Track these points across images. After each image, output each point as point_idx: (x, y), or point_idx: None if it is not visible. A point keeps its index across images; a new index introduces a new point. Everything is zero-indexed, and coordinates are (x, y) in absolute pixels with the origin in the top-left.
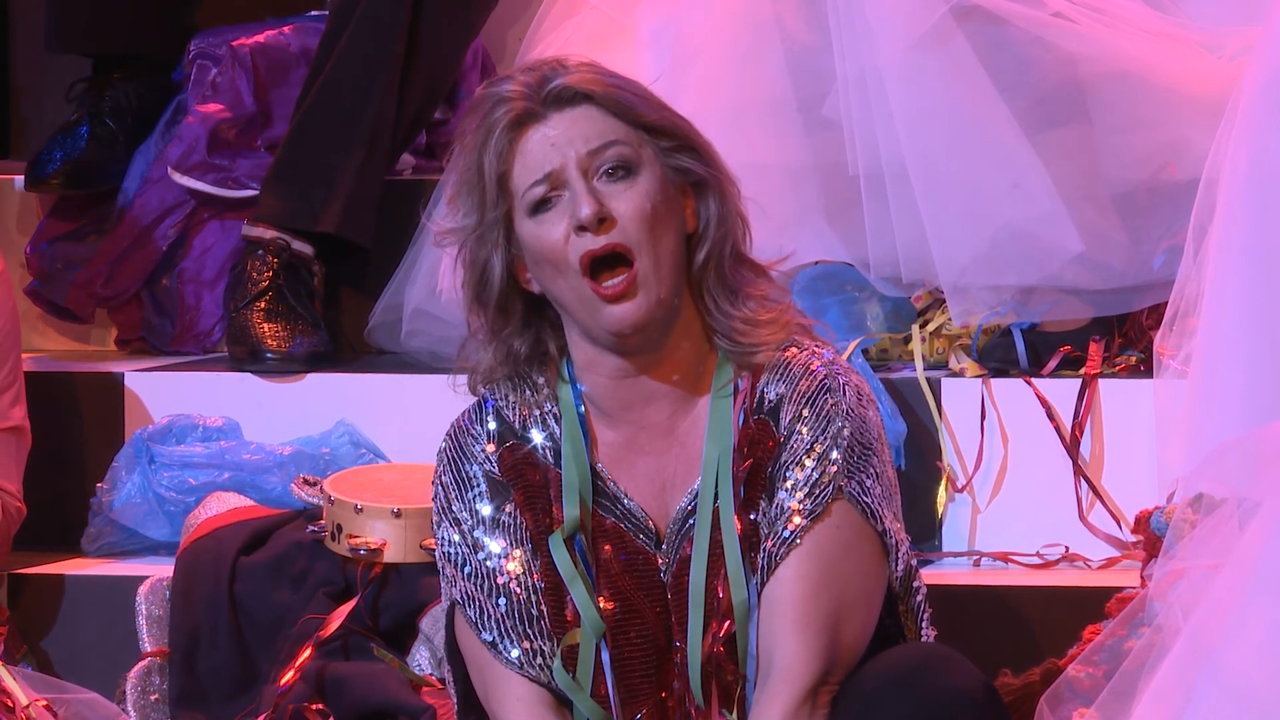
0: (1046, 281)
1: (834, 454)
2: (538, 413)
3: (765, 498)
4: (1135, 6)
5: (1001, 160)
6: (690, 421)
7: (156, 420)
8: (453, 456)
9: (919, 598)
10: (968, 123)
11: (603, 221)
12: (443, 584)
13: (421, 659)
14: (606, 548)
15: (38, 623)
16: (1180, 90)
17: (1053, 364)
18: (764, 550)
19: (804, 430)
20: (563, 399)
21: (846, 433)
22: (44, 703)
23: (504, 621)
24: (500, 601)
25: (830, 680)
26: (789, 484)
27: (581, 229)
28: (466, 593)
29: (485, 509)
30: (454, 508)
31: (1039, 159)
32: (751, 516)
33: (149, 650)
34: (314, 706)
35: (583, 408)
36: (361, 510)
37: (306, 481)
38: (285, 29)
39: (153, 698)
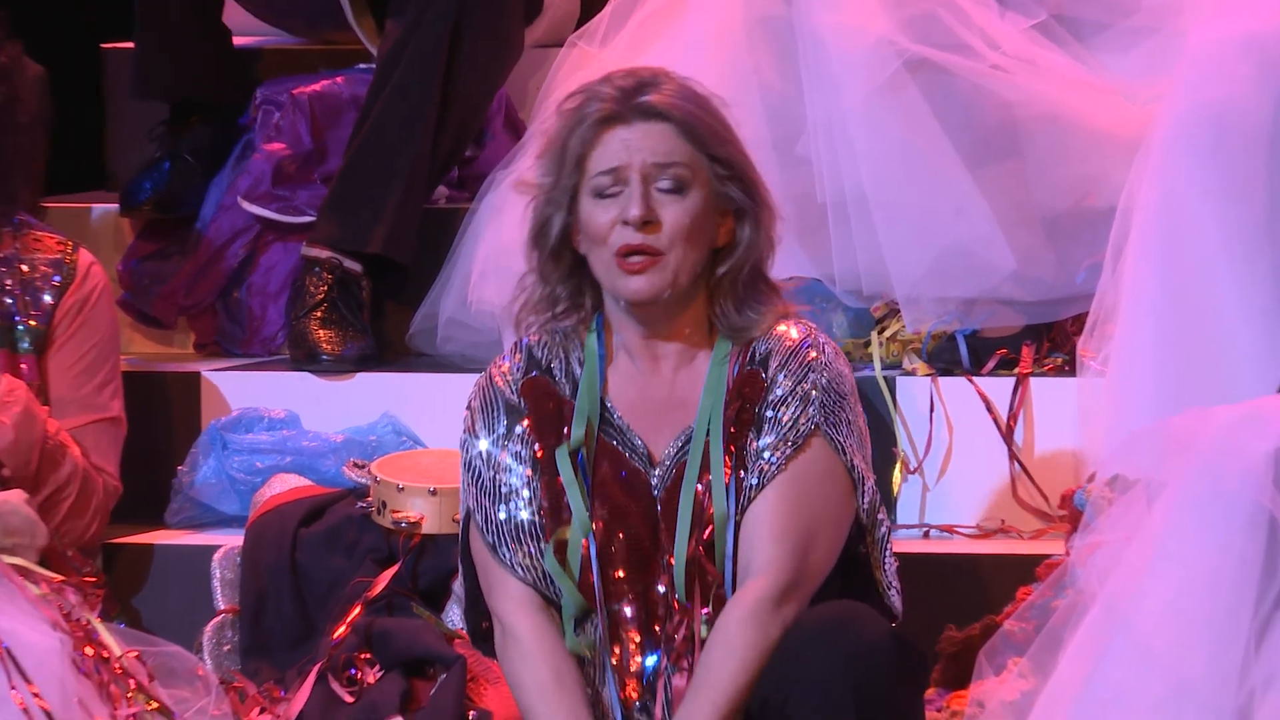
0: (985, 294)
1: (812, 396)
2: (563, 355)
3: (753, 432)
4: (1061, 60)
5: (947, 190)
6: (692, 378)
7: (229, 412)
8: (483, 384)
9: (883, 529)
10: (919, 159)
11: (647, 224)
12: (462, 493)
13: (454, 616)
14: (605, 465)
15: (128, 585)
16: (1100, 131)
17: (990, 365)
18: (748, 475)
19: (786, 379)
20: (588, 346)
21: (824, 381)
22: (135, 654)
23: (504, 527)
24: (503, 508)
25: (797, 591)
26: (772, 421)
27: (627, 224)
28: (477, 500)
29: (500, 427)
30: (476, 425)
31: (979, 189)
32: (736, 447)
33: (222, 608)
34: (362, 656)
35: (604, 355)
36: (403, 489)
37: (356, 465)
38: (338, 79)
39: (226, 649)
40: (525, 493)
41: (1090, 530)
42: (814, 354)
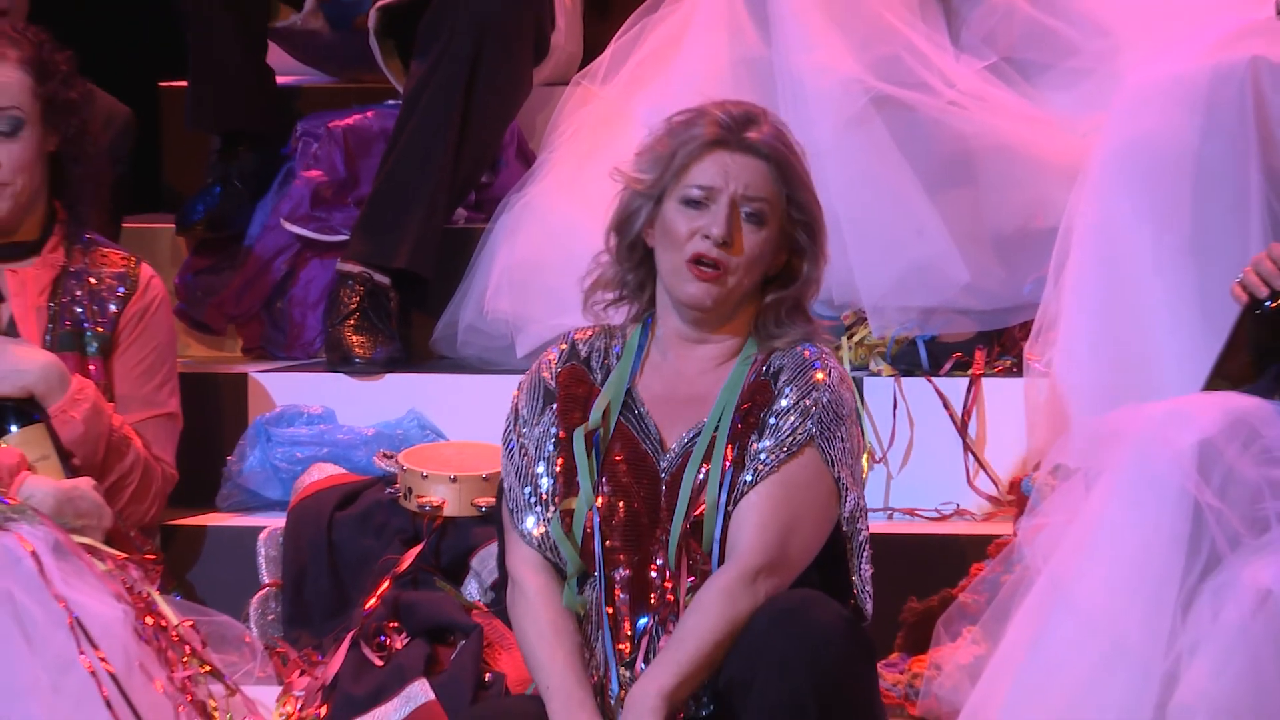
0: (942, 304)
1: (812, 411)
2: (603, 348)
3: (755, 435)
4: (1010, 97)
5: (909, 213)
6: (715, 378)
7: (273, 409)
8: (531, 372)
9: (861, 538)
10: (884, 184)
11: (724, 244)
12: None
13: (471, 589)
14: (618, 446)
15: (183, 562)
16: (1044, 159)
17: (947, 366)
18: (744, 472)
19: (793, 393)
20: (629, 341)
21: (825, 400)
22: (190, 623)
23: (522, 498)
24: (524, 479)
25: (773, 575)
26: (773, 428)
27: (705, 237)
28: (506, 471)
29: (536, 409)
30: (519, 406)
31: (937, 211)
32: (739, 445)
33: (267, 582)
34: (391, 625)
35: (644, 349)
36: (427, 477)
37: (385, 455)
38: (369, 114)
39: (270, 618)
40: (544, 466)
41: (1035, 513)
42: (820, 375)
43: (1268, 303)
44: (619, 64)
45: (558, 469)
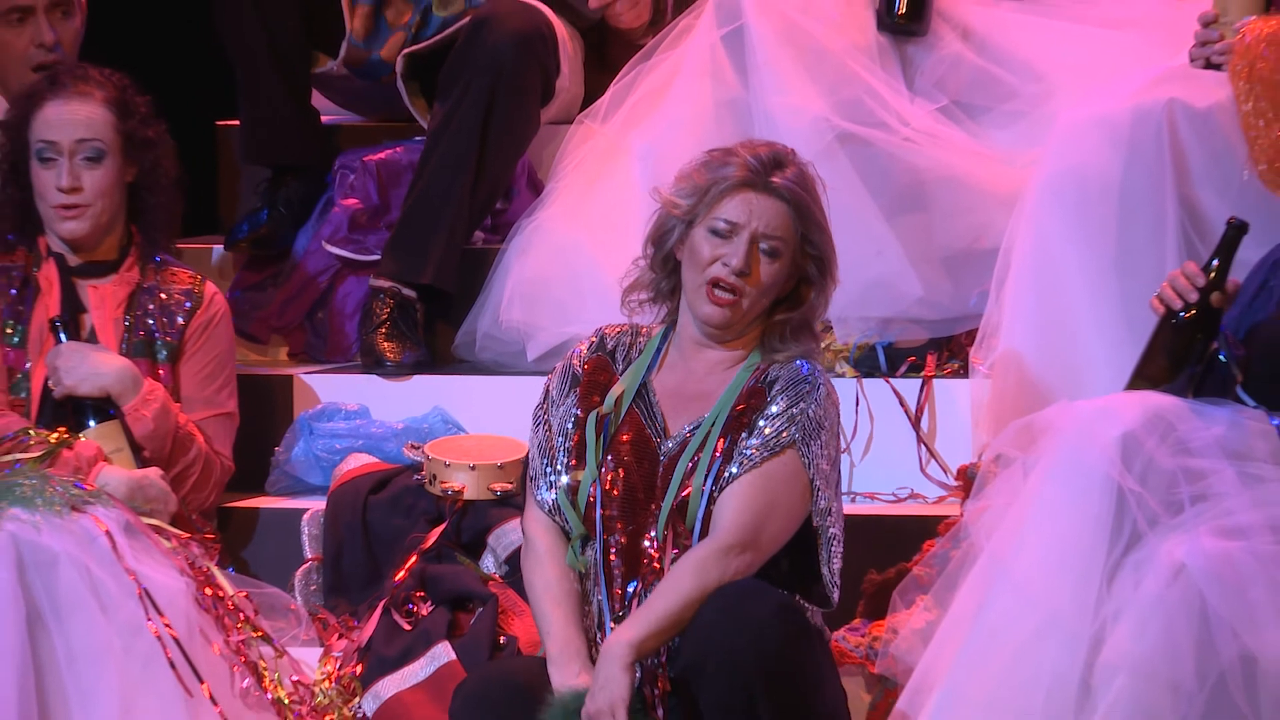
0: (898, 315)
1: (797, 420)
2: (627, 345)
3: (745, 434)
4: (957, 134)
5: (870, 236)
6: (719, 380)
7: (315, 406)
8: (564, 361)
9: (830, 533)
10: (848, 211)
11: (742, 274)
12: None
13: (488, 563)
14: (626, 430)
15: (238, 540)
16: (987, 189)
17: (903, 369)
18: (731, 464)
19: (782, 401)
20: (653, 337)
21: (812, 412)
22: (243, 594)
23: (540, 468)
24: (545, 452)
25: (745, 553)
26: (761, 430)
27: (725, 265)
28: (531, 444)
29: (563, 392)
30: (550, 389)
31: (894, 235)
32: (729, 439)
33: (309, 557)
34: (418, 594)
35: (663, 348)
36: (449, 465)
37: (413, 446)
38: (398, 149)
39: (312, 589)
40: (560, 440)
41: (979, 496)
42: (808, 389)
43: (1182, 313)
44: (617, 105)
45: (572, 445)
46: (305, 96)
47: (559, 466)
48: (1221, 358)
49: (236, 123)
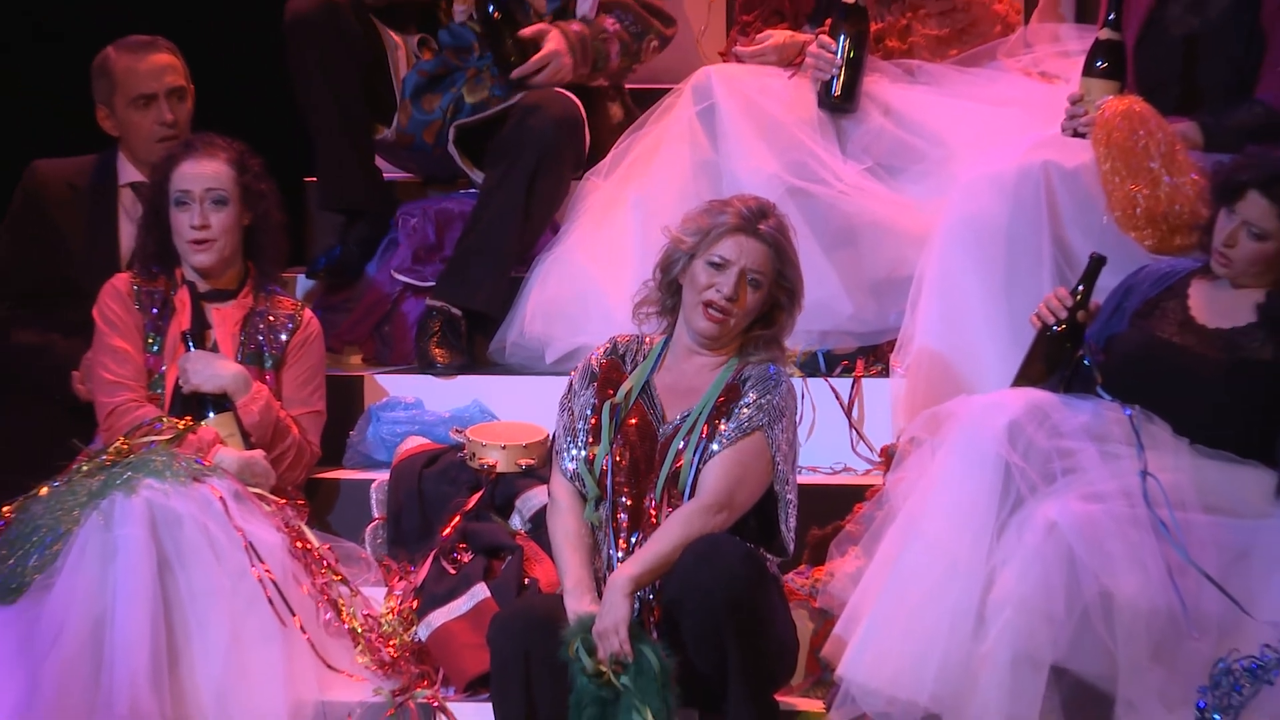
0: (834, 328)
1: (764, 408)
2: (634, 351)
3: (724, 420)
4: (880, 188)
5: (812, 268)
6: (706, 380)
7: (382, 399)
8: (584, 361)
9: (787, 498)
10: (795, 249)
11: (730, 299)
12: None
13: (515, 522)
14: (633, 416)
15: (323, 505)
16: (903, 230)
17: (838, 370)
18: (713, 443)
19: (753, 394)
20: (652, 350)
21: (775, 403)
22: (326, 546)
23: (564, 444)
24: (568, 431)
25: (723, 512)
26: (736, 416)
27: (718, 291)
28: (558, 424)
29: (584, 384)
30: (574, 382)
31: (831, 266)
32: (712, 424)
33: (377, 517)
34: (461, 545)
35: (662, 354)
36: (485, 445)
37: (457, 430)
38: (450, 201)
39: (379, 542)
40: (581, 422)
41: (898, 470)
42: (774, 385)
43: (1055, 327)
44: (616, 165)
45: (590, 426)
46: (369, 157)
47: (580, 443)
48: (1086, 363)
49: (314, 179)
